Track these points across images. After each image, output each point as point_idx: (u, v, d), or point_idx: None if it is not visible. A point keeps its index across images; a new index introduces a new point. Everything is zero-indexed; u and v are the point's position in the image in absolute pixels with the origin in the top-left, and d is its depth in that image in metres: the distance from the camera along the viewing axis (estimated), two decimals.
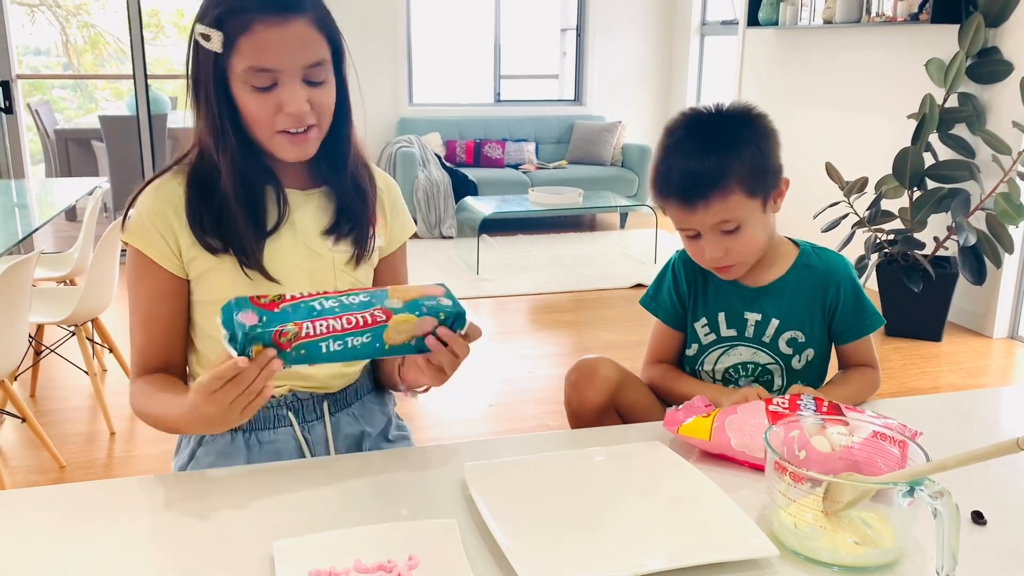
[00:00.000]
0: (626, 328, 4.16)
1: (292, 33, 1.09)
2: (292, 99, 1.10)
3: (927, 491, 0.84)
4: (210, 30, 1.09)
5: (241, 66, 1.09)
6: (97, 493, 1.05)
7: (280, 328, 0.96)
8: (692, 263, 1.48)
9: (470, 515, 0.99)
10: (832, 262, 1.44)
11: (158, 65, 7.90)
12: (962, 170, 3.91)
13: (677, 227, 1.37)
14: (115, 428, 2.99)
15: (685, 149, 1.31)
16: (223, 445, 1.26)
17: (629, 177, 6.54)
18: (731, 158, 1.28)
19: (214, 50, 1.09)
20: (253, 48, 1.08)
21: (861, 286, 1.45)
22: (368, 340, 1.00)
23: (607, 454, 1.13)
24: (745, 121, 1.33)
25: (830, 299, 1.43)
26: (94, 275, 2.89)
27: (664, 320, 1.51)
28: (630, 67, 7.10)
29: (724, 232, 1.32)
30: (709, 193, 1.28)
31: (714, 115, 1.35)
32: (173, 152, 6.46)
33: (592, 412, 1.40)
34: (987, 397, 1.60)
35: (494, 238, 5.95)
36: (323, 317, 0.98)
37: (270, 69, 1.09)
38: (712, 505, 0.99)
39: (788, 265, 1.44)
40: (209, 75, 1.11)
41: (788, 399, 1.15)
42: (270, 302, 0.99)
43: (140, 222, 1.18)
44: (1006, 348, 4.00)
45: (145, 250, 1.18)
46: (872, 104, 4.70)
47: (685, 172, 1.30)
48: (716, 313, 1.46)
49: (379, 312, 1.00)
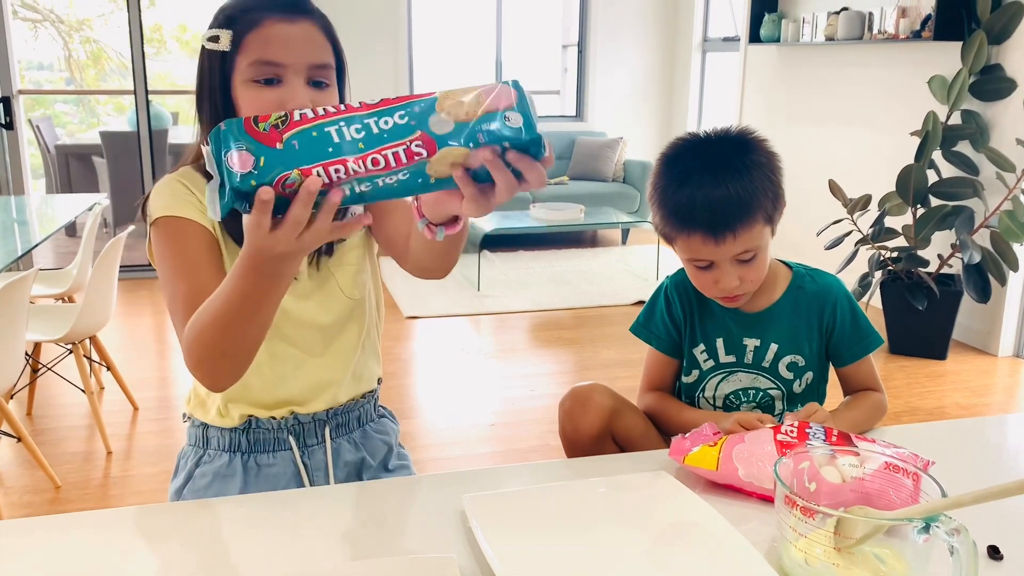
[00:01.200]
0: (628, 346, 4.12)
1: (300, 30, 1.08)
2: (295, 96, 1.07)
3: (944, 528, 0.81)
4: (219, 30, 1.08)
5: (246, 61, 1.07)
6: (87, 524, 1.02)
7: (283, 177, 0.75)
8: (685, 289, 1.45)
9: (470, 548, 0.96)
10: (826, 282, 1.43)
11: (160, 80, 7.91)
12: (966, 187, 3.90)
13: (689, 257, 1.33)
14: (112, 447, 2.96)
15: (703, 179, 1.27)
16: (220, 467, 1.25)
17: (631, 193, 6.53)
18: (752, 185, 1.25)
19: (222, 49, 1.07)
20: (260, 42, 1.06)
21: (858, 305, 1.43)
22: (405, 178, 0.77)
23: (610, 485, 1.10)
24: (752, 145, 1.31)
25: (827, 320, 1.41)
26: (92, 292, 2.87)
27: (658, 347, 1.48)
28: (631, 83, 7.10)
29: (741, 262, 1.29)
30: (737, 224, 1.25)
31: (717, 140, 1.31)
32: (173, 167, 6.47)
33: (588, 440, 1.37)
34: (996, 424, 1.58)
35: (495, 254, 5.93)
36: (340, 159, 0.76)
37: (275, 63, 1.06)
38: (720, 539, 0.96)
39: (783, 289, 1.42)
40: (216, 79, 1.09)
41: (797, 427, 1.12)
42: (271, 129, 0.77)
43: (169, 199, 1.13)
44: (1011, 366, 3.97)
45: (182, 213, 1.11)
46: (875, 121, 4.69)
47: (712, 202, 1.25)
48: (714, 339, 1.43)
49: (418, 144, 0.76)
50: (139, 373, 3.67)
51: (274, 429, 1.25)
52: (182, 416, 1.32)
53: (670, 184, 1.31)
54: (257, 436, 1.25)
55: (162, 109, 6.03)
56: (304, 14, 1.09)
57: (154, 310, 4.76)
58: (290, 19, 1.07)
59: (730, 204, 1.25)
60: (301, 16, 1.08)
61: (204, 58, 1.11)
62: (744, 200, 1.25)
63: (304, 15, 1.09)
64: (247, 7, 1.08)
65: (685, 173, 1.29)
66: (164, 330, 4.44)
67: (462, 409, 3.41)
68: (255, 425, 1.25)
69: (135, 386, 3.42)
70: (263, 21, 1.07)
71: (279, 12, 1.07)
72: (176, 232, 1.12)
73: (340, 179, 0.76)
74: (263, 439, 1.25)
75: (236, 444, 1.25)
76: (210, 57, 1.10)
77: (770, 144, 1.33)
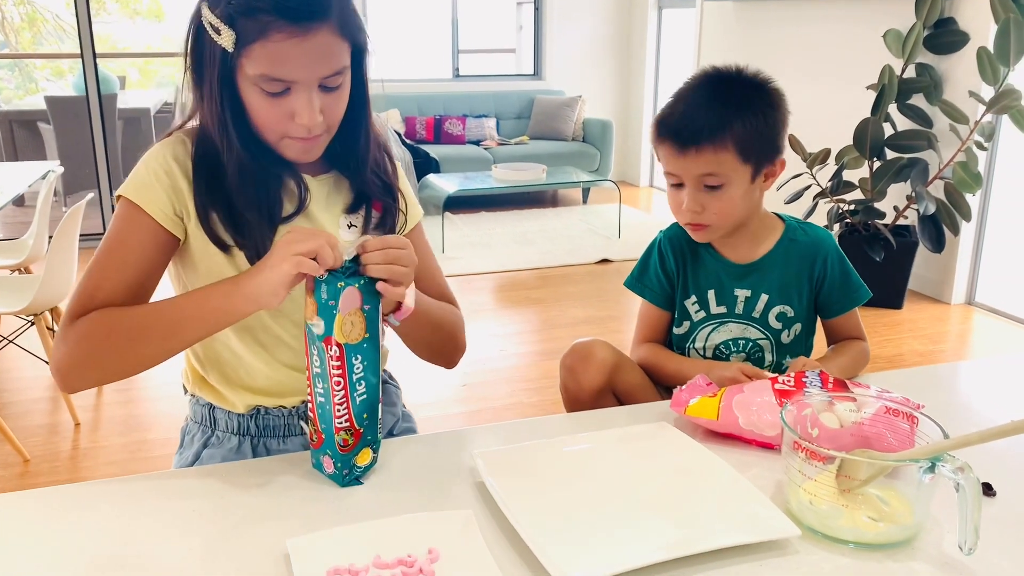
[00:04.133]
0: (594, 304, 4.16)
1: (313, 44, 1.00)
2: (305, 110, 1.03)
3: (949, 466, 0.84)
4: (221, 25, 0.99)
5: (253, 71, 1.01)
6: (100, 491, 1.01)
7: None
8: (679, 241, 1.48)
9: (484, 503, 0.98)
10: (818, 236, 1.46)
11: (102, 43, 7.65)
12: (920, 140, 3.98)
13: (665, 171, 1.38)
14: (80, 419, 2.92)
15: (693, 97, 1.34)
16: (229, 451, 1.21)
17: (591, 152, 6.53)
18: (734, 117, 1.30)
19: (224, 46, 1.00)
20: (268, 57, 1.00)
21: (847, 260, 1.46)
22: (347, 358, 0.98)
23: (616, 437, 1.12)
24: (761, 89, 1.35)
25: (817, 272, 1.44)
26: (53, 263, 2.79)
27: (652, 300, 1.51)
28: (588, 40, 7.07)
29: (706, 187, 1.33)
30: (702, 141, 1.30)
31: (734, 76, 1.36)
32: (125, 134, 6.29)
33: (590, 396, 1.39)
34: (950, 370, 1.63)
35: (457, 216, 5.90)
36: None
37: (285, 80, 1.02)
38: (729, 486, 0.98)
39: (775, 240, 1.45)
40: (214, 66, 1.03)
41: (793, 376, 1.15)
42: None
43: (144, 177, 1.09)
44: (963, 313, 4.09)
45: (145, 205, 1.07)
46: (832, 76, 4.74)
47: (685, 116, 1.32)
48: (705, 290, 1.46)
49: (322, 345, 0.97)
50: None
51: (284, 416, 1.22)
52: (183, 388, 1.30)
53: (670, 100, 1.37)
54: (267, 422, 1.22)
55: (109, 73, 5.83)
56: (316, 19, 0.99)
57: None
58: (300, 31, 0.98)
59: (703, 121, 1.30)
60: (314, 24, 0.99)
61: (200, 33, 1.03)
62: (718, 124, 1.29)
63: (317, 20, 0.99)
64: (249, 7, 0.98)
65: (686, 91, 1.36)
66: None
67: (434, 371, 3.40)
68: (264, 412, 1.22)
69: None
70: (269, 32, 0.98)
71: (286, 21, 0.98)
72: (128, 219, 1.08)
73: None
74: (272, 424, 1.22)
75: (245, 428, 1.22)
76: (208, 38, 1.02)
77: (785, 99, 1.37)
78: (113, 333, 1.02)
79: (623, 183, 7.02)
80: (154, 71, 9.02)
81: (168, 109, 6.64)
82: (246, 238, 1.09)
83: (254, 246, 1.09)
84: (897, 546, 0.90)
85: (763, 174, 1.36)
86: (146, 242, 1.08)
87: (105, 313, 1.03)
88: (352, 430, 1.01)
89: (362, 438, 1.02)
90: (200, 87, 1.07)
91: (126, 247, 1.08)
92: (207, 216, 1.09)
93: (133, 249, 1.08)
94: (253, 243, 1.09)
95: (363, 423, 1.02)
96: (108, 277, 1.06)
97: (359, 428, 1.01)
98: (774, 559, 0.88)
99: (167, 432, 2.85)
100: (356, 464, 1.02)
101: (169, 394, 3.14)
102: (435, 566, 0.86)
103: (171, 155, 1.10)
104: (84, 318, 1.03)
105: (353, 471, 1.02)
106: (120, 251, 1.08)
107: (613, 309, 4.10)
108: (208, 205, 1.09)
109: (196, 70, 1.07)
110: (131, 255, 1.07)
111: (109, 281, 1.06)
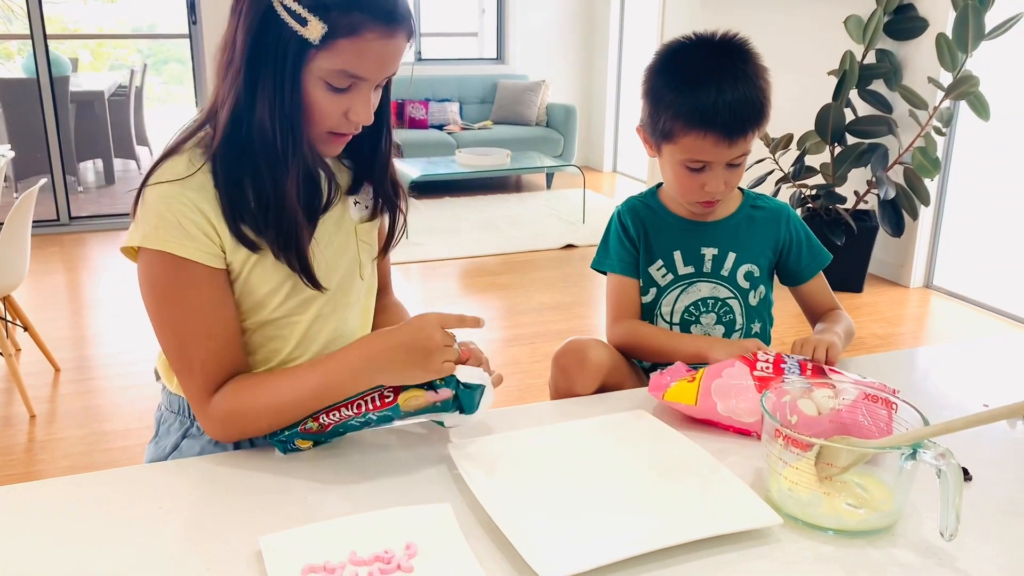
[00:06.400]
0: (559, 289, 4.16)
1: (395, 47, 1.01)
2: (364, 109, 1.03)
3: (930, 453, 0.84)
4: (309, 15, 0.96)
5: (331, 65, 0.98)
6: (60, 488, 0.97)
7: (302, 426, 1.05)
8: (636, 212, 1.48)
9: (462, 495, 0.96)
10: (778, 203, 1.50)
11: (52, 24, 7.43)
12: (880, 125, 4.02)
13: (687, 158, 1.33)
14: (35, 410, 2.84)
15: (723, 81, 1.28)
16: (208, 443, 1.17)
17: (554, 137, 6.51)
18: (762, 91, 1.30)
19: (307, 38, 0.96)
20: (356, 54, 0.98)
21: (805, 224, 1.50)
22: (384, 409, 1.03)
23: (594, 426, 1.10)
24: (753, 54, 1.34)
25: (783, 236, 1.46)
26: (5, 250, 2.71)
27: (621, 271, 1.49)
28: (552, 25, 7.03)
29: (731, 165, 1.33)
30: (751, 127, 1.29)
31: (722, 42, 1.33)
32: (78, 117, 6.13)
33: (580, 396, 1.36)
34: (940, 353, 1.65)
35: (421, 201, 5.86)
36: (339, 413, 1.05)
37: (361, 77, 1.01)
38: (709, 475, 0.98)
39: (736, 205, 1.47)
40: (285, 58, 0.98)
41: (772, 362, 1.15)
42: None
43: (172, 223, 1.01)
44: (922, 296, 4.16)
45: (190, 255, 1.01)
46: (794, 62, 4.77)
47: (731, 106, 1.27)
48: (671, 253, 1.45)
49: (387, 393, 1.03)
50: (56, 333, 3.51)
51: None
52: (155, 374, 1.25)
53: (685, 83, 1.30)
54: None
55: (60, 55, 5.66)
56: (402, 23, 1.00)
57: (67, 267, 4.55)
58: (390, 33, 0.99)
59: (748, 107, 1.28)
60: (399, 27, 1.00)
61: (270, 20, 0.97)
62: (758, 105, 1.29)
63: (402, 25, 1.00)
64: (347, 2, 0.96)
65: (703, 73, 1.29)
66: (79, 287, 4.25)
67: None
68: None
69: (53, 346, 3.27)
70: (362, 31, 0.97)
71: (381, 22, 0.98)
72: (180, 280, 1.02)
73: (336, 421, 1.04)
74: None
75: None
76: (282, 26, 0.97)
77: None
78: (259, 421, 1.06)
79: (587, 168, 7.02)
80: (107, 53, 8.80)
81: (123, 92, 6.49)
82: (287, 241, 1.06)
83: (294, 249, 1.06)
84: (878, 533, 0.89)
85: None
86: (217, 297, 1.06)
87: (235, 400, 1.06)
88: (321, 433, 1.06)
89: (321, 436, 1.07)
90: (255, 80, 1.00)
91: (204, 316, 1.05)
92: (241, 220, 1.04)
93: (212, 311, 1.05)
94: (294, 246, 1.06)
95: (332, 433, 1.06)
96: (214, 352, 1.05)
97: (323, 436, 1.07)
98: (756, 548, 0.87)
99: (127, 423, 2.79)
100: (297, 445, 1.07)
101: (130, 384, 3.07)
102: (413, 561, 0.84)
103: (193, 189, 1.03)
104: (217, 404, 1.06)
105: (289, 443, 1.06)
106: (199, 323, 1.04)
107: (579, 294, 4.10)
108: (241, 216, 1.04)
109: (251, 61, 0.99)
110: (215, 319, 1.05)
111: (218, 354, 1.06)
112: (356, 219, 1.20)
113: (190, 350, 1.05)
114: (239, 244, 1.05)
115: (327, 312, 1.17)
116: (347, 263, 1.19)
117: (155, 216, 1.01)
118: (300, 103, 1.01)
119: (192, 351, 1.05)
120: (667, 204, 1.47)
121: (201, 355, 1.05)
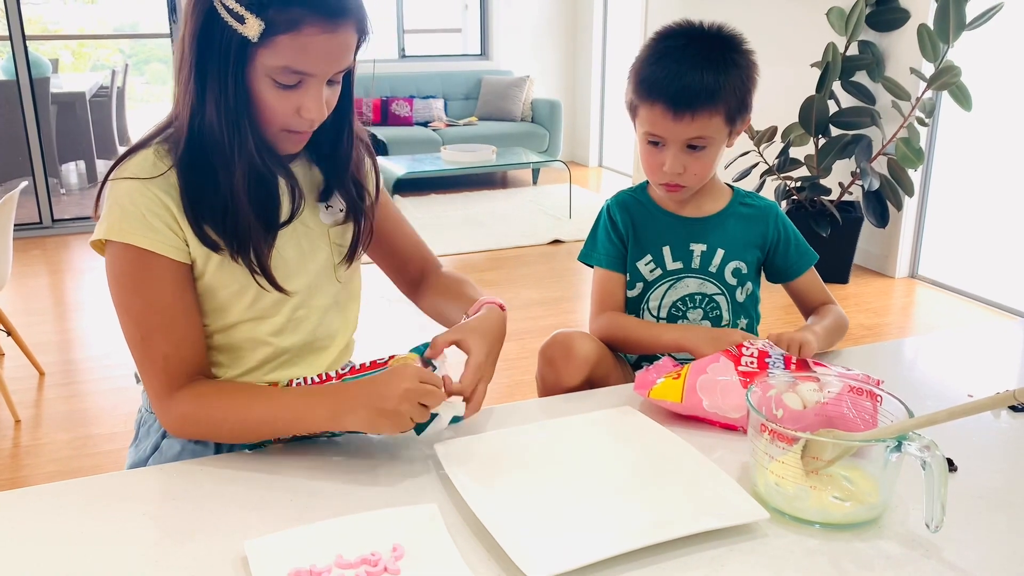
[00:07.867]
0: (547, 285, 4.15)
1: (339, 41, 0.99)
2: (314, 105, 1.02)
3: (916, 445, 0.84)
4: (246, 13, 0.95)
5: (274, 62, 0.98)
6: (43, 495, 0.96)
7: None
8: (626, 206, 1.48)
9: (449, 495, 0.96)
10: (766, 202, 1.50)
11: (32, 25, 7.37)
12: (864, 117, 4.03)
13: (645, 130, 1.35)
14: (20, 415, 2.82)
15: (684, 58, 1.30)
16: (188, 441, 1.16)
17: (540, 132, 6.50)
18: (726, 79, 1.29)
19: (246, 36, 0.96)
20: (296, 50, 0.97)
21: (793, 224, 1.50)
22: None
23: (580, 423, 1.10)
24: (740, 48, 1.34)
25: (771, 234, 1.47)
26: None
27: (607, 265, 1.49)
28: (535, 20, 7.02)
29: (690, 148, 1.33)
30: (699, 106, 1.29)
31: (715, 34, 1.34)
32: (59, 118, 6.07)
33: (567, 390, 1.36)
34: (925, 343, 1.66)
35: (407, 198, 5.84)
36: None
37: (306, 73, 1.00)
38: (696, 470, 0.98)
39: (726, 202, 1.47)
40: (228, 56, 0.98)
41: (757, 357, 1.15)
42: None
43: (136, 216, 1.02)
44: (907, 287, 4.18)
45: (154, 247, 1.02)
46: (778, 54, 4.78)
47: (681, 78, 1.28)
48: (660, 248, 1.45)
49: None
50: (40, 337, 3.48)
51: None
52: (135, 377, 1.24)
53: (651, 56, 1.34)
54: None
55: (40, 56, 5.61)
56: (346, 17, 0.99)
57: (50, 270, 4.51)
58: (332, 27, 0.98)
59: (699, 86, 1.28)
60: (342, 21, 0.98)
61: (212, 20, 0.97)
62: (713, 88, 1.29)
63: (346, 18, 0.99)
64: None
65: (668, 49, 1.32)
66: (62, 291, 4.22)
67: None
68: None
69: (37, 350, 3.25)
70: (302, 26, 0.96)
71: (322, 16, 0.97)
72: (150, 274, 1.03)
73: None
74: None
75: None
76: (223, 26, 0.97)
77: (755, 57, 1.36)
78: (219, 429, 1.08)
79: (573, 163, 7.02)
80: (88, 54, 8.73)
81: (105, 93, 6.44)
82: (242, 242, 1.05)
83: (252, 250, 1.06)
84: (864, 526, 0.90)
85: (735, 133, 1.36)
86: (178, 289, 1.06)
87: (197, 406, 1.06)
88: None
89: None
90: (203, 80, 1.00)
91: (163, 308, 1.05)
92: (202, 219, 1.04)
93: (173, 304, 1.05)
94: (249, 247, 1.06)
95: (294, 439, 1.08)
96: (174, 345, 1.06)
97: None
98: (743, 543, 0.87)
99: (113, 427, 2.77)
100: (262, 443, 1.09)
101: (115, 387, 3.05)
102: (400, 563, 0.84)
103: (157, 185, 1.03)
104: (178, 402, 1.06)
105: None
106: (158, 315, 1.05)
107: (566, 290, 4.10)
108: (202, 216, 1.04)
109: (199, 62, 1.00)
110: (175, 311, 1.06)
111: (179, 347, 1.06)
112: (328, 223, 1.19)
113: (152, 342, 1.05)
114: (202, 243, 1.05)
115: (300, 316, 1.17)
116: (318, 267, 1.18)
117: (119, 209, 1.02)
118: (245, 101, 1.01)
119: (154, 343, 1.05)
120: (657, 199, 1.47)
121: (163, 348, 1.05)
